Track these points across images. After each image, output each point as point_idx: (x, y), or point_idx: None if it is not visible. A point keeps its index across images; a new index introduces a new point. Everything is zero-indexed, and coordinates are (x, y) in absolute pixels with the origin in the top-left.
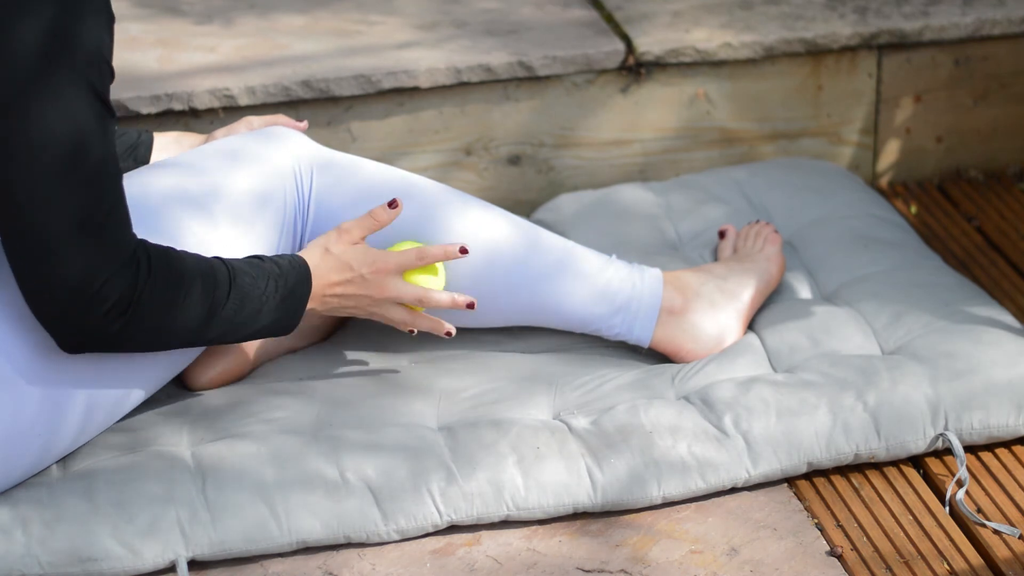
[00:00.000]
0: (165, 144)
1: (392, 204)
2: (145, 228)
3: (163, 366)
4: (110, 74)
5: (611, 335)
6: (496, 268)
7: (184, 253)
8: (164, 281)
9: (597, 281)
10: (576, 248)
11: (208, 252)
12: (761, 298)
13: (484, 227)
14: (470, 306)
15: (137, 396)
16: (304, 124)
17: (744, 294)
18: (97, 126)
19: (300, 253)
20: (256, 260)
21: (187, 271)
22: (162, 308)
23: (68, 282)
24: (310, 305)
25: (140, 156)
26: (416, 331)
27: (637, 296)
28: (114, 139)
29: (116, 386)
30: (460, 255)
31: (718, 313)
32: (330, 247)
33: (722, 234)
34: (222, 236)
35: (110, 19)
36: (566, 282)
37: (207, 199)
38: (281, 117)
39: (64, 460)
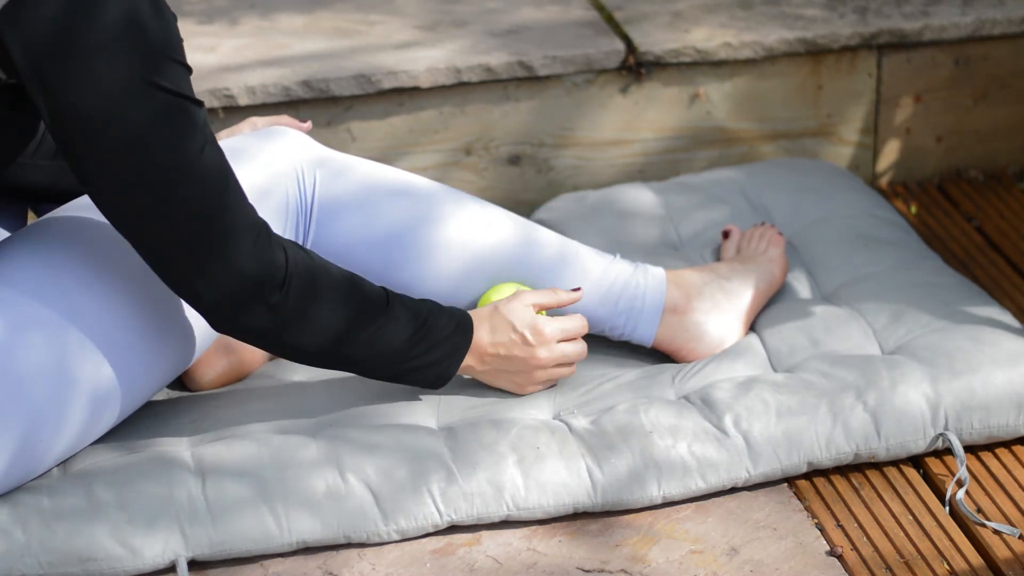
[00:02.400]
0: None
1: (576, 290)
2: None
3: (166, 368)
4: (187, 70)
5: (614, 335)
6: (496, 267)
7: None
8: (317, 271)
9: (600, 281)
10: (578, 247)
11: None
12: (763, 299)
13: (484, 227)
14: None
15: (139, 399)
16: (308, 124)
17: (746, 295)
18: (180, 120)
19: (471, 311)
20: (419, 300)
21: (343, 273)
22: (315, 298)
23: (211, 267)
24: (470, 362)
25: None
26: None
27: (640, 296)
28: (208, 127)
29: (119, 389)
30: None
31: (720, 313)
32: (499, 307)
33: (726, 234)
34: None
35: (173, 17)
36: (567, 282)
37: None
38: (284, 118)
39: (64, 460)
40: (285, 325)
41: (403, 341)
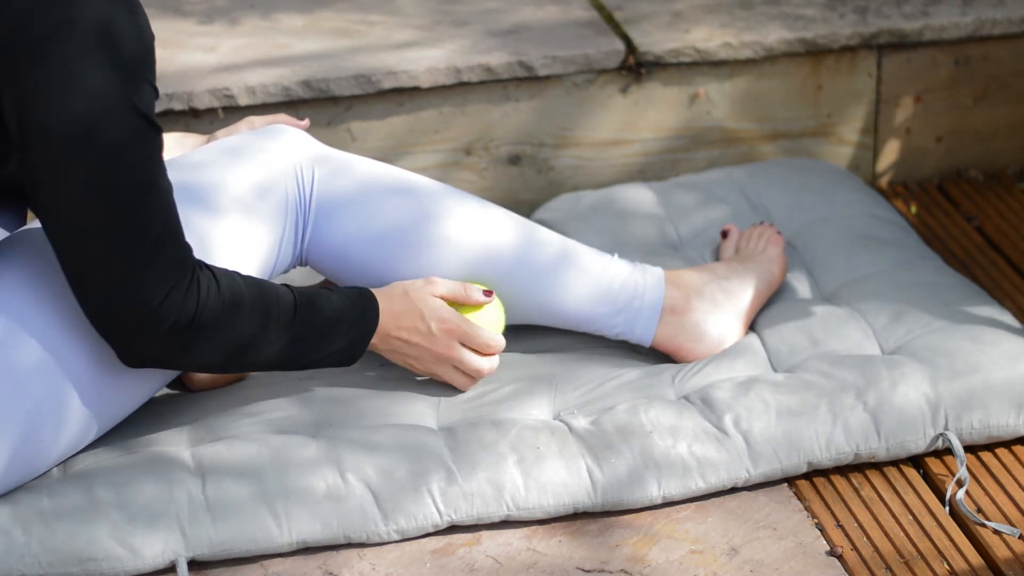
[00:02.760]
0: (168, 145)
1: (487, 294)
2: None
3: (163, 372)
4: (154, 92)
5: (613, 334)
6: (495, 266)
7: (247, 276)
8: (226, 300)
9: (599, 280)
10: (577, 247)
11: (211, 249)
12: (763, 299)
13: (483, 225)
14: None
15: (139, 399)
16: (306, 122)
17: (746, 295)
18: (143, 144)
19: (379, 290)
20: (325, 291)
21: (249, 292)
22: (224, 327)
23: (126, 304)
24: (374, 341)
25: None
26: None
27: (639, 295)
28: (160, 156)
29: (118, 391)
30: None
31: (720, 313)
32: (410, 291)
33: (725, 234)
34: (224, 232)
35: (151, 38)
36: (567, 281)
37: (208, 196)
38: (283, 116)
39: (64, 460)
40: (185, 353)
41: (311, 342)
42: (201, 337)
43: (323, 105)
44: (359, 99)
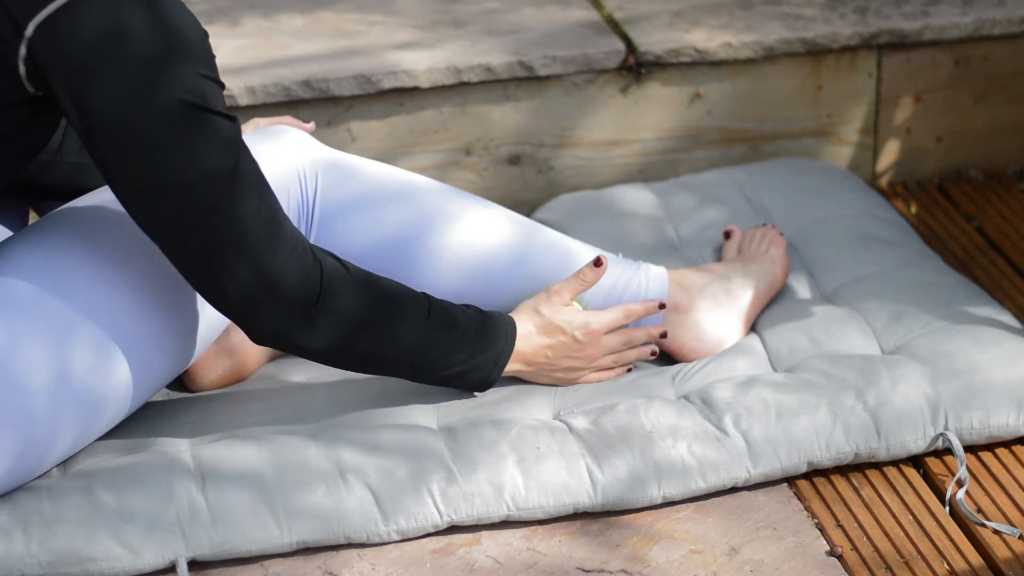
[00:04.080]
0: None
1: (597, 263)
2: None
3: (166, 368)
4: (220, 86)
5: None
6: (499, 268)
7: (373, 273)
8: (353, 283)
9: (603, 281)
10: (579, 247)
11: None
12: (764, 300)
13: (487, 227)
14: (662, 335)
15: (139, 399)
16: (311, 125)
17: (748, 295)
18: (215, 136)
19: (511, 314)
20: (462, 305)
21: (379, 282)
22: (351, 310)
23: (245, 281)
24: (517, 366)
25: None
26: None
27: (642, 295)
28: (242, 141)
29: (119, 389)
30: (659, 310)
31: (722, 313)
32: (540, 308)
33: (727, 234)
34: None
35: (205, 35)
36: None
37: None
38: (287, 118)
39: (64, 461)
40: (325, 340)
41: (444, 349)
42: (327, 313)
43: (323, 105)
44: (359, 99)
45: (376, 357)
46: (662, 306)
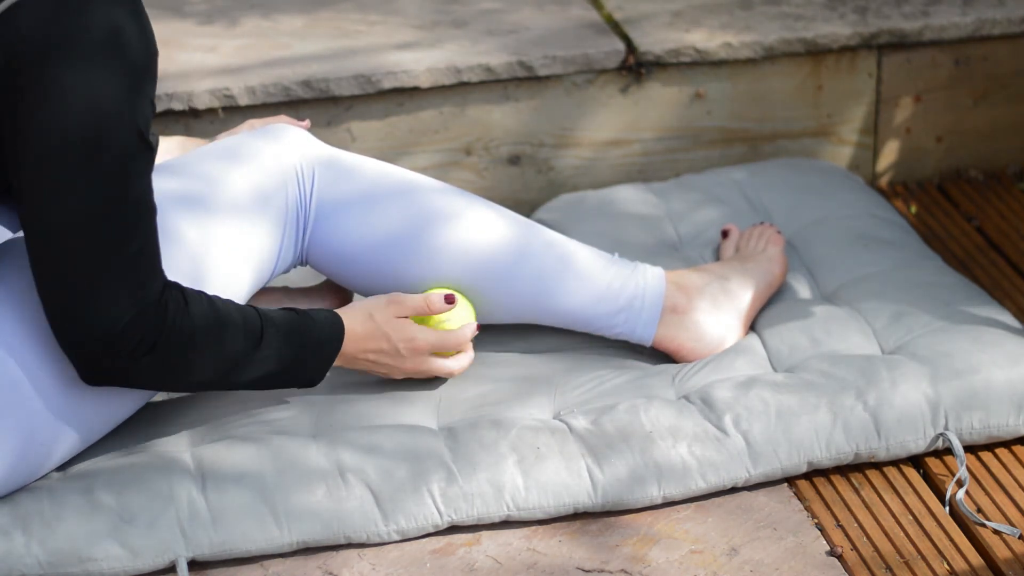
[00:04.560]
0: (169, 149)
1: (449, 299)
2: None
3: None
4: (151, 108)
5: (613, 334)
6: (496, 266)
7: (216, 298)
8: (192, 325)
9: (600, 281)
10: (578, 247)
11: (208, 250)
12: (763, 299)
13: (484, 226)
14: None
15: (139, 401)
16: (306, 123)
17: (746, 294)
18: (138, 159)
19: (343, 311)
20: (292, 313)
21: (217, 316)
22: (187, 351)
23: (92, 320)
24: (339, 363)
25: None
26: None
27: (640, 295)
28: (150, 174)
29: (118, 391)
30: (475, 333)
31: (720, 313)
32: (375, 314)
33: (725, 234)
34: (222, 231)
35: (155, 54)
36: (568, 281)
37: (206, 197)
38: (283, 118)
39: (64, 462)
40: (143, 376)
41: (271, 365)
42: (162, 360)
43: (323, 105)
44: (359, 99)
45: (200, 385)
46: (477, 329)
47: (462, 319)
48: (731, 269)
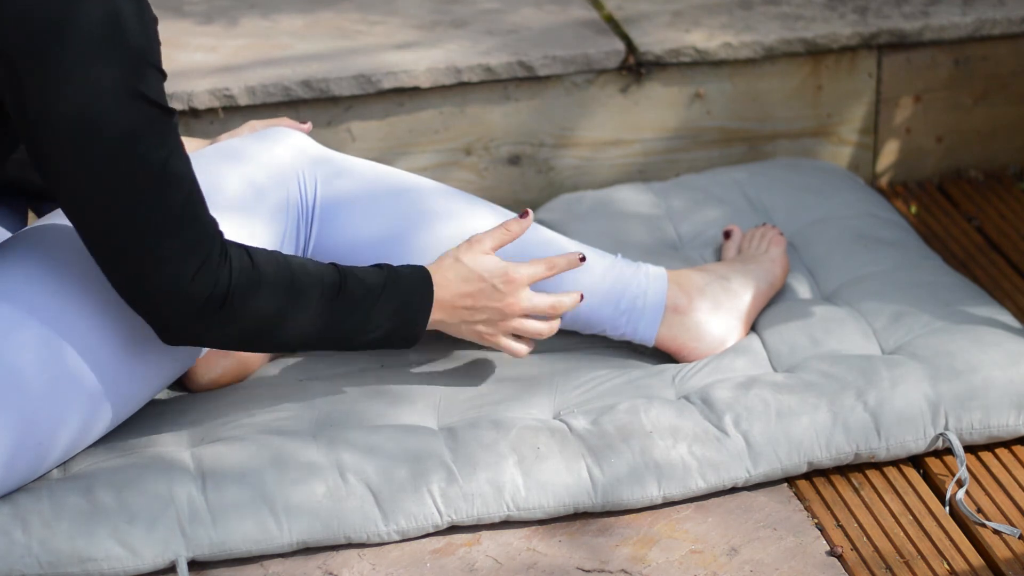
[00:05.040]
0: None
1: (523, 214)
2: None
3: (166, 372)
4: (159, 76)
5: (616, 335)
6: None
7: (284, 255)
8: (262, 275)
9: (602, 281)
10: (579, 247)
11: None
12: (764, 300)
13: (483, 222)
14: (582, 257)
15: (138, 403)
16: (308, 126)
17: (748, 295)
18: (152, 129)
19: (431, 265)
20: (375, 268)
21: (286, 269)
22: (259, 306)
23: (155, 285)
24: (438, 316)
25: None
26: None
27: (642, 295)
28: (178, 136)
29: (117, 391)
30: (581, 263)
31: (722, 313)
32: (460, 256)
33: (727, 234)
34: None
35: (154, 20)
36: (568, 283)
37: (207, 197)
38: (284, 120)
39: (64, 461)
40: (223, 329)
41: (360, 319)
42: (237, 313)
43: (323, 105)
44: (359, 99)
45: (294, 342)
46: (583, 259)
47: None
48: (733, 270)
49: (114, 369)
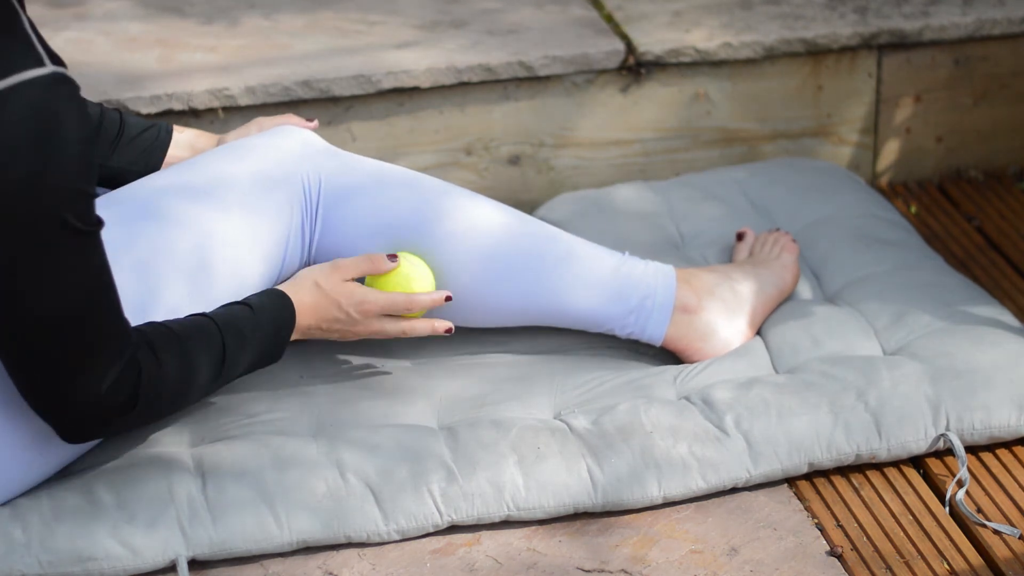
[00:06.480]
0: (180, 143)
1: (392, 258)
2: (153, 221)
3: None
4: (86, 197)
5: (623, 334)
6: (504, 264)
7: (175, 326)
8: (163, 376)
9: (611, 280)
10: (586, 245)
11: (215, 248)
12: (773, 305)
13: (492, 223)
14: (448, 331)
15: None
16: (315, 123)
17: (756, 299)
18: (79, 254)
19: (289, 284)
20: (237, 306)
21: (185, 356)
22: (163, 401)
23: (70, 398)
24: (293, 337)
25: (152, 161)
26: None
27: (651, 295)
28: (101, 251)
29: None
30: (446, 302)
31: (730, 315)
32: (320, 282)
33: (740, 236)
34: (230, 231)
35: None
36: (577, 280)
37: (214, 195)
38: (292, 117)
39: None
40: (129, 424)
41: (237, 361)
42: (142, 414)
43: (323, 105)
44: (359, 99)
45: (185, 405)
46: (448, 299)
47: (416, 280)
48: (744, 272)
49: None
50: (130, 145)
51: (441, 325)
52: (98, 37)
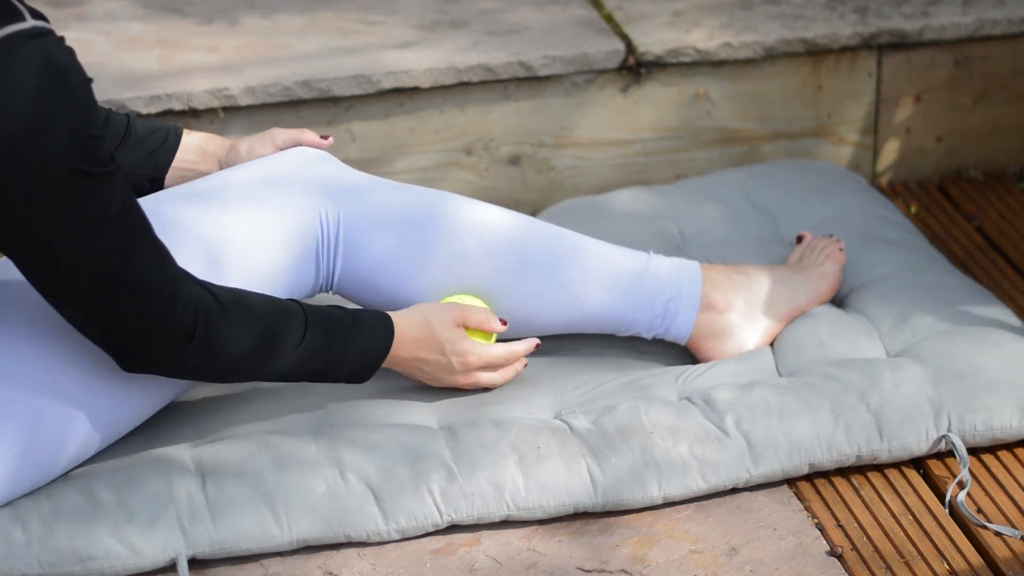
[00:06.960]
0: (190, 147)
1: (503, 322)
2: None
3: (170, 389)
4: (103, 138)
5: (650, 336)
6: (529, 278)
7: (257, 295)
8: (230, 318)
9: (639, 284)
10: (610, 251)
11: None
12: (799, 312)
13: (516, 237)
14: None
15: (140, 416)
16: (329, 141)
17: (784, 306)
18: (94, 194)
19: (399, 313)
20: (340, 312)
21: (255, 312)
22: (225, 345)
23: (127, 328)
24: (388, 364)
25: (160, 163)
26: None
27: (676, 296)
28: (123, 188)
29: (121, 407)
30: (536, 348)
31: (752, 318)
32: (432, 319)
33: (799, 239)
34: (245, 263)
35: (88, 81)
36: (603, 289)
37: (220, 196)
38: (307, 133)
39: None
40: (197, 370)
41: (321, 360)
42: (204, 351)
43: (323, 105)
44: (359, 99)
45: (257, 376)
46: (538, 345)
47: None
48: (778, 277)
49: (117, 386)
50: (137, 146)
51: (521, 365)
52: (98, 37)
